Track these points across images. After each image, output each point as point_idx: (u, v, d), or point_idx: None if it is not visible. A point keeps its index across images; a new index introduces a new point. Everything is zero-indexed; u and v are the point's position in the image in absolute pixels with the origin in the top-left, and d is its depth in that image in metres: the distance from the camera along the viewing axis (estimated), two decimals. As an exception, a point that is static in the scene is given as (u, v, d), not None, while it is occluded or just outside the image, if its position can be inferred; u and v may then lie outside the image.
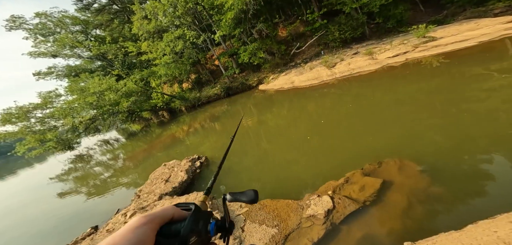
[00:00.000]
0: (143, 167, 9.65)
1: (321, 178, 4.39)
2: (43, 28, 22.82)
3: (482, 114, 4.62)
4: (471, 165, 3.52)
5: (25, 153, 17.48)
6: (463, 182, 3.26)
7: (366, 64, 11.61)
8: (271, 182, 5.19)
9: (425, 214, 2.97)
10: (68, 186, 11.21)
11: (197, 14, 20.26)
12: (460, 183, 3.25)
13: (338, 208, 3.38)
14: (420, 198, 3.18)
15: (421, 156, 3.97)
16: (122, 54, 24.41)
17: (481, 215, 2.46)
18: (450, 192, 3.16)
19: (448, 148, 4.01)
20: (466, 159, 3.66)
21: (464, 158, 3.69)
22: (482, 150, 3.71)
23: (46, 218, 7.75)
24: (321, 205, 3.46)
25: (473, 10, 13.22)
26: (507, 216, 2.26)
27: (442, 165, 3.66)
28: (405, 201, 3.21)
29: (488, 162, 3.46)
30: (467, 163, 3.58)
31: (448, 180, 3.35)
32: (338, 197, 3.55)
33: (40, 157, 19.52)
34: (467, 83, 6.36)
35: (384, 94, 7.93)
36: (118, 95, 18.40)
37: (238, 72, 20.47)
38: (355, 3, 15.35)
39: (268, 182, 5.26)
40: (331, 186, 3.92)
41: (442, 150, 4.03)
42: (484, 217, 2.40)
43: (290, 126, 8.54)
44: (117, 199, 7.24)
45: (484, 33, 9.38)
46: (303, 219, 3.39)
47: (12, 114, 17.31)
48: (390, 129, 5.43)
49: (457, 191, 3.15)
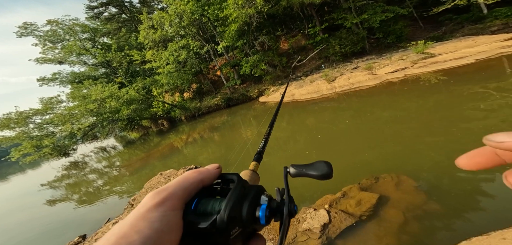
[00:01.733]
0: (139, 176, 9.55)
1: (318, 192, 4.34)
2: (53, 35, 23.31)
3: (480, 133, 4.57)
4: (467, 183, 3.50)
5: (20, 159, 17.29)
6: (459, 199, 3.24)
7: (366, 79, 11.72)
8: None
9: (421, 230, 2.93)
10: (59, 193, 11.04)
11: (202, 25, 20.77)
12: (456, 200, 3.23)
13: (334, 222, 3.32)
14: (417, 214, 3.14)
15: (418, 172, 3.94)
16: (126, 62, 24.79)
17: (475, 232, 2.47)
18: (446, 208, 3.13)
19: (445, 165, 3.98)
20: (462, 177, 3.63)
21: (461, 175, 3.65)
22: (480, 168, 3.67)
23: (32, 226, 7.53)
24: (317, 219, 3.40)
25: (471, 27, 13.46)
26: (501, 232, 2.28)
27: (439, 181, 3.65)
28: (401, 216, 3.16)
29: (484, 180, 3.43)
30: (463, 181, 3.56)
31: (444, 196, 3.32)
32: (335, 211, 3.49)
33: (33, 162, 19.15)
34: (465, 102, 6.37)
35: (383, 110, 7.95)
36: (119, 103, 18.51)
37: (239, 83, 20.68)
38: (356, 18, 15.72)
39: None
40: (328, 200, 3.86)
41: (439, 167, 4.00)
42: (478, 234, 2.42)
43: (289, 139, 8.51)
44: (110, 207, 7.11)
45: (482, 51, 9.52)
46: (299, 232, 3.32)
47: (12, 119, 17.28)
48: (388, 144, 5.41)
49: (453, 207, 3.13)
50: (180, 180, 0.34)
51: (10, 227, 8.13)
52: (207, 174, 0.37)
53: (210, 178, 0.37)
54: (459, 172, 3.74)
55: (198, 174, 0.36)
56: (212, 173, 0.38)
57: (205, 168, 0.38)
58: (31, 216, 8.70)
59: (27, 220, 8.37)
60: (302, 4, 16.48)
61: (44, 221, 7.63)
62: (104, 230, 4.27)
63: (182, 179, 0.34)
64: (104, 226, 4.54)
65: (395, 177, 3.93)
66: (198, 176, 0.36)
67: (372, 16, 15.25)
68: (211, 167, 0.39)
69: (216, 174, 0.38)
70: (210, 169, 0.38)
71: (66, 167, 18.20)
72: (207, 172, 0.37)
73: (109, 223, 4.59)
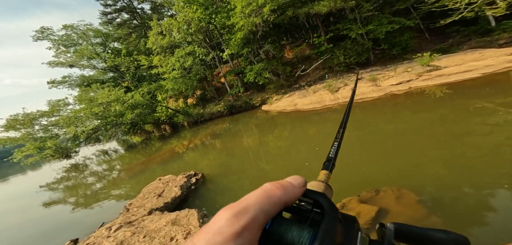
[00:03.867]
0: (138, 180, 9.52)
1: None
2: (68, 39, 24.00)
3: (485, 149, 4.46)
4: (471, 197, 3.38)
5: (22, 160, 17.50)
6: (462, 214, 3.13)
7: (369, 91, 11.61)
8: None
9: None
10: (56, 195, 11.04)
11: (209, 33, 21.18)
12: (459, 215, 3.12)
13: (331, 237, 3.20)
14: None
15: (421, 186, 3.81)
16: (134, 67, 25.27)
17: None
18: (448, 223, 3.01)
19: (449, 180, 3.85)
20: (466, 192, 3.51)
21: (465, 190, 3.52)
22: (484, 184, 3.54)
23: (25, 228, 7.47)
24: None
25: (478, 40, 13.27)
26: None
27: (442, 196, 3.53)
28: (401, 232, 3.05)
29: (488, 195, 3.31)
30: (467, 195, 3.44)
31: (447, 211, 3.21)
32: (332, 225, 3.38)
33: (35, 164, 19.36)
34: (471, 116, 6.22)
35: (386, 123, 7.82)
36: (124, 107, 18.74)
37: (242, 91, 20.79)
38: (361, 29, 15.74)
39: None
40: (325, 212, 3.76)
41: (443, 181, 3.86)
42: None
43: (291, 149, 8.42)
44: (105, 211, 7.06)
45: (488, 65, 9.36)
46: None
47: (18, 120, 17.61)
48: (391, 157, 5.28)
49: (456, 222, 3.02)
50: (261, 199, 0.26)
51: (3, 227, 8.09)
52: (292, 193, 0.29)
53: (295, 198, 0.30)
54: (464, 187, 3.63)
55: (284, 192, 0.28)
56: (297, 192, 0.30)
57: (290, 184, 0.30)
58: (26, 218, 8.64)
59: (21, 222, 8.31)
60: (308, 14, 16.63)
61: (38, 224, 7.58)
62: (97, 234, 4.20)
63: (264, 197, 0.27)
64: (97, 230, 4.48)
65: (396, 190, 3.80)
66: (283, 196, 0.28)
67: (378, 27, 15.24)
68: (296, 182, 0.31)
69: (302, 192, 0.30)
70: (295, 185, 0.30)
71: (67, 169, 18.29)
72: (293, 190, 0.29)
73: (102, 227, 4.53)
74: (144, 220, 4.55)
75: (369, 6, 15.25)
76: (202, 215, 4.52)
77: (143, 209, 5.23)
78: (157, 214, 4.87)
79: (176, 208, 5.58)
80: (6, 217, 9.48)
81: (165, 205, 5.45)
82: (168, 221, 4.18)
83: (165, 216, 4.55)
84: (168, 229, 3.93)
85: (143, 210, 5.16)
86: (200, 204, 5.65)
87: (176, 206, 5.67)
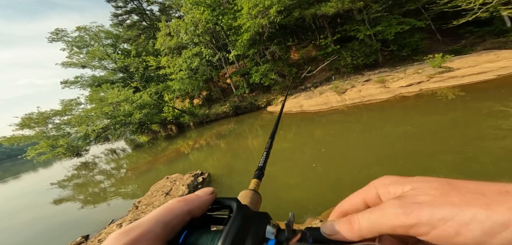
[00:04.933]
0: (144, 179, 9.66)
1: (323, 204, 4.19)
2: (80, 40, 24.72)
3: (500, 154, 4.27)
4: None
5: (35, 157, 18.02)
6: None
7: (378, 93, 11.39)
8: (272, 204, 4.99)
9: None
10: (66, 193, 11.29)
11: (215, 34, 21.36)
12: None
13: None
14: None
15: (430, 192, 3.68)
16: (142, 68, 25.75)
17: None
18: None
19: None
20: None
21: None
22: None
23: (36, 225, 7.62)
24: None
25: (493, 41, 12.79)
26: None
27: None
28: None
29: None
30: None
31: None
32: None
33: (46, 161, 19.79)
34: (484, 120, 5.99)
35: (395, 125, 7.63)
36: (132, 106, 19.10)
37: (248, 92, 20.82)
38: (369, 30, 15.48)
39: (268, 204, 5.06)
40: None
41: (454, 187, 3.72)
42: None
43: (296, 150, 8.34)
44: (114, 208, 7.18)
45: (504, 66, 9.01)
46: None
47: (32, 119, 18.22)
48: (399, 160, 5.14)
49: None
50: (159, 213, 0.27)
51: (13, 224, 8.29)
52: (197, 202, 0.30)
53: (201, 207, 0.30)
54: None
55: (184, 203, 0.29)
56: (203, 200, 0.31)
57: (194, 194, 0.31)
58: (36, 214, 8.81)
59: (31, 218, 8.49)
60: (315, 16, 16.51)
61: (48, 220, 7.75)
62: (107, 230, 4.29)
63: (162, 210, 0.27)
64: (108, 226, 4.57)
65: (404, 196, 3.70)
66: (183, 206, 0.28)
67: (387, 28, 14.94)
68: (202, 193, 0.32)
69: (209, 201, 0.31)
70: (201, 195, 0.31)
71: (77, 167, 18.71)
72: (197, 200, 0.30)
73: (112, 224, 4.62)
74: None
75: (377, 7, 14.98)
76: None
77: (152, 206, 5.30)
78: (162, 213, 4.92)
79: (181, 207, 5.63)
80: (18, 214, 9.75)
81: (171, 204, 5.51)
82: (173, 220, 4.21)
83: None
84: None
85: (151, 207, 5.24)
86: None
87: (182, 205, 5.71)
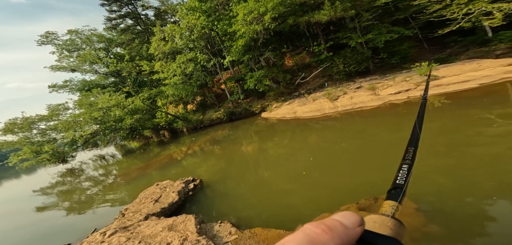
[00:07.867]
0: (135, 185, 9.43)
1: (317, 210, 4.22)
2: (71, 44, 24.23)
3: (485, 159, 4.45)
4: (472, 206, 3.36)
5: (17, 164, 17.29)
6: (463, 223, 3.12)
7: (369, 100, 11.65)
8: (266, 210, 4.99)
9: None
10: (50, 200, 10.91)
11: (210, 39, 21.43)
12: (459, 224, 3.12)
13: None
14: (415, 236, 3.01)
15: (420, 195, 3.78)
16: (135, 72, 25.38)
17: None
18: (448, 232, 3.01)
19: (449, 189, 3.83)
20: (466, 201, 3.49)
21: (466, 200, 3.50)
22: (485, 194, 3.52)
23: (16, 233, 7.32)
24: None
25: (476, 50, 13.34)
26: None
27: (442, 205, 3.52)
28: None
29: (489, 205, 3.28)
30: (468, 205, 3.41)
31: (446, 220, 3.20)
32: (330, 233, 3.34)
33: (30, 168, 19.04)
34: (470, 126, 6.23)
35: (386, 131, 7.82)
36: (123, 112, 18.72)
37: (242, 98, 20.85)
38: (361, 38, 15.91)
39: (263, 210, 5.06)
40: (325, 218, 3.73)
41: (442, 191, 3.85)
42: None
43: (290, 156, 8.39)
44: (99, 216, 6.97)
45: (486, 75, 9.42)
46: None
47: (16, 124, 17.53)
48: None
49: (456, 231, 3.02)
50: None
51: None
52: (345, 237, 0.23)
53: (350, 242, 0.23)
54: (465, 196, 3.61)
55: (331, 236, 0.22)
56: (351, 235, 0.23)
57: (338, 221, 0.24)
58: (17, 223, 8.49)
59: (11, 226, 8.16)
60: (309, 23, 16.85)
61: (29, 228, 7.45)
62: (90, 239, 4.13)
63: (302, 241, 0.22)
64: (90, 235, 4.40)
65: (395, 199, 3.78)
66: (330, 241, 0.22)
67: (377, 36, 15.41)
68: (348, 221, 0.24)
69: (357, 235, 0.24)
70: (347, 225, 0.24)
71: (62, 173, 18.06)
72: (344, 232, 0.23)
73: (96, 232, 4.45)
74: (140, 225, 4.48)
75: (368, 16, 15.48)
76: (199, 221, 4.46)
77: (139, 214, 5.16)
78: (153, 220, 4.81)
79: (173, 213, 5.52)
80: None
81: (162, 211, 5.38)
82: (164, 227, 4.12)
83: (161, 222, 4.49)
84: (165, 235, 3.87)
85: (139, 215, 5.10)
86: (197, 210, 5.58)
87: (173, 212, 5.60)
